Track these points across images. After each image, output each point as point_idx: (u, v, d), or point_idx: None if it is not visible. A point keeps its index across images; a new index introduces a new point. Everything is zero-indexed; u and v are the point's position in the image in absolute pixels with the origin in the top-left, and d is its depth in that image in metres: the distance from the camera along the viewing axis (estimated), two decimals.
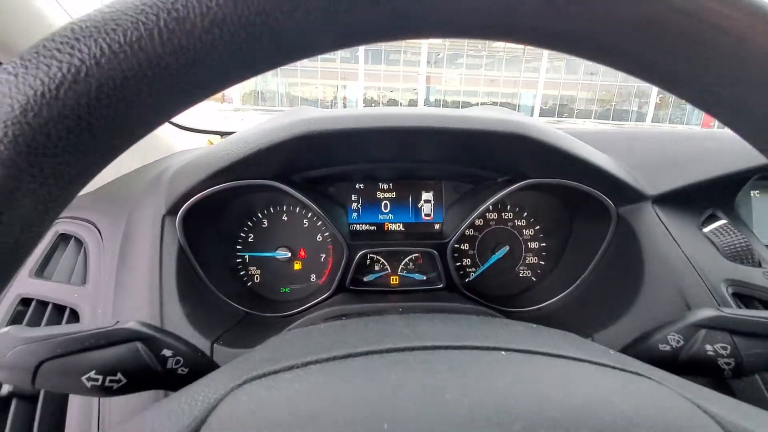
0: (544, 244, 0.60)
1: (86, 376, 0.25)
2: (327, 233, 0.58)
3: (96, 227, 0.50)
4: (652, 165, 0.49)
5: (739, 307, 0.39)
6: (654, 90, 20.40)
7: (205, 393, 0.20)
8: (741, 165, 0.45)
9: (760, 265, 0.41)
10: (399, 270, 0.59)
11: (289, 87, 23.41)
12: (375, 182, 0.59)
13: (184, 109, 0.16)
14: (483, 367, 0.22)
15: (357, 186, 0.59)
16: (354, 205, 0.59)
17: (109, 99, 0.14)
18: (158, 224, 0.47)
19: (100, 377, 0.25)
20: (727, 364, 0.28)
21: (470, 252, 0.60)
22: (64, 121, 0.13)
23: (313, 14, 0.15)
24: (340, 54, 21.72)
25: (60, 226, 0.50)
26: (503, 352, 0.23)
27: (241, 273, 0.58)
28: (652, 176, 0.47)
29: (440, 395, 0.19)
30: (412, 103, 22.21)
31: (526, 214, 0.60)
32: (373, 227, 0.59)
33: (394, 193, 0.59)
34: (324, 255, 0.59)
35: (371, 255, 0.58)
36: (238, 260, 0.58)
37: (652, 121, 20.27)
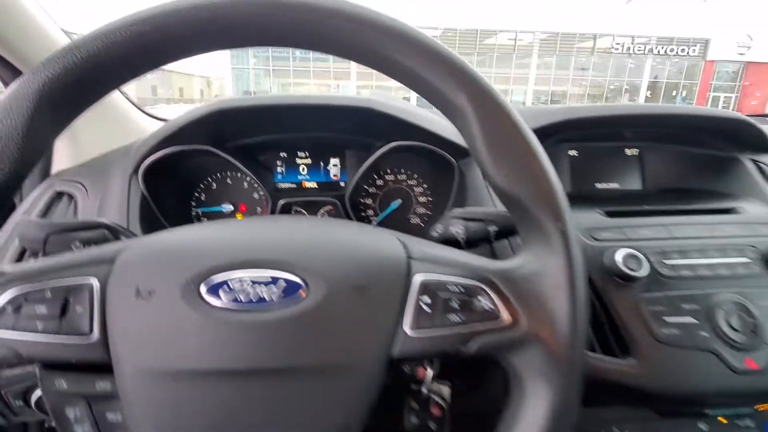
0: (430, 198, 0.75)
1: (74, 243, 0.40)
2: (261, 191, 0.73)
3: (83, 186, 0.65)
4: None
5: None
6: (644, 85, 20.64)
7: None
8: (543, 122, 0.60)
9: None
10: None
11: (282, 87, 23.54)
12: (295, 150, 0.74)
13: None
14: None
15: (281, 154, 0.74)
16: (279, 168, 0.74)
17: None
18: (126, 180, 0.62)
19: (82, 245, 0.40)
20: (463, 239, 0.44)
21: (372, 205, 0.75)
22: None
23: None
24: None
25: (57, 186, 0.65)
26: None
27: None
28: None
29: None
30: (405, 99, 22.34)
31: (416, 174, 0.75)
32: (294, 185, 0.75)
33: (310, 160, 0.74)
34: (260, 208, 0.74)
35: (294, 207, 0.73)
36: (193, 214, 0.73)
37: None
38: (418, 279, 0.29)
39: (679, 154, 0.67)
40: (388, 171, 0.75)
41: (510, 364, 0.29)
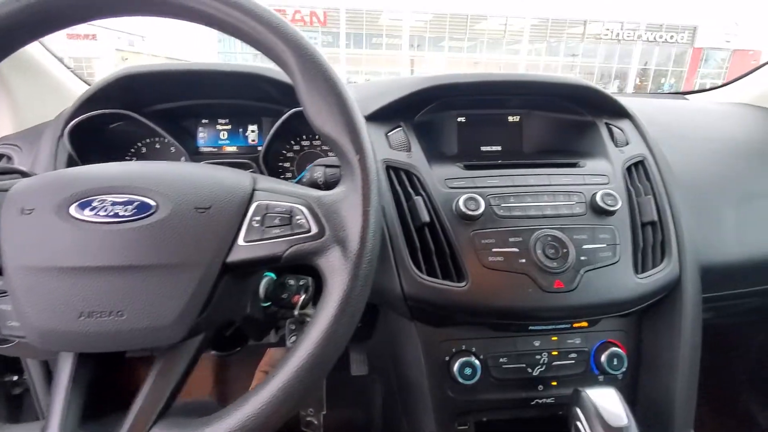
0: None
1: None
2: (183, 155, 0.81)
3: (19, 147, 0.72)
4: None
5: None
6: (633, 72, 20.73)
7: None
8: (404, 91, 0.67)
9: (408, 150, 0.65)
10: None
11: None
12: (216, 117, 0.82)
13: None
14: None
15: (202, 120, 0.81)
16: (201, 134, 0.82)
17: None
18: (55, 141, 0.69)
19: None
20: (322, 182, 0.54)
21: (291, 168, 0.83)
22: None
23: None
24: (321, 38, 21.56)
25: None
26: None
27: None
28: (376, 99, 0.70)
29: None
30: None
31: None
32: (215, 149, 0.82)
33: (230, 126, 0.82)
34: None
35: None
36: None
37: None
38: (254, 203, 0.38)
39: (553, 120, 0.75)
40: (304, 136, 0.83)
41: (317, 265, 0.37)
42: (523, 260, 0.55)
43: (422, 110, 0.70)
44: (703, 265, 0.63)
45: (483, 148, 0.78)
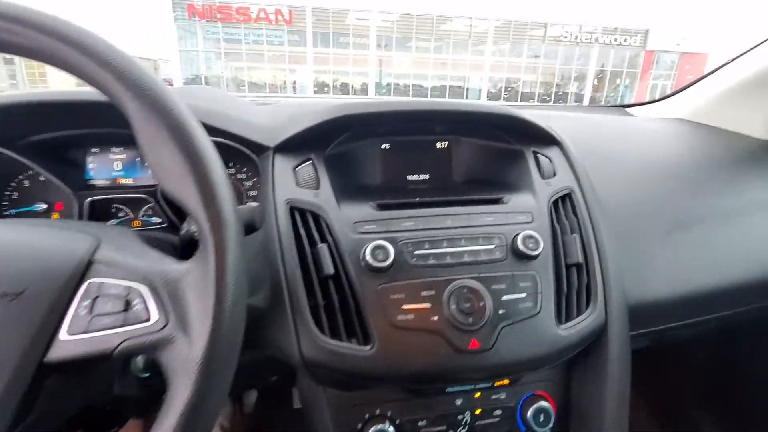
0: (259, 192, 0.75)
1: None
2: (67, 189, 0.70)
3: None
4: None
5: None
6: (590, 73, 21.58)
7: None
8: (314, 119, 0.60)
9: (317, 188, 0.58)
10: (140, 216, 0.72)
11: (235, 71, 22.56)
12: (109, 146, 0.72)
13: None
14: None
15: (92, 149, 0.71)
16: (90, 165, 0.71)
17: None
18: None
19: None
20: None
21: None
22: None
23: None
24: (287, 37, 21.14)
25: None
26: None
27: None
28: (282, 129, 0.63)
29: None
30: (364, 87, 22.14)
31: (245, 168, 0.74)
32: (107, 182, 0.72)
33: (125, 155, 0.72)
34: (76, 206, 0.71)
35: (113, 204, 0.71)
36: (6, 214, 0.69)
37: (589, 102, 21.50)
38: (86, 283, 0.31)
39: (481, 148, 0.70)
40: None
41: (160, 361, 0.30)
42: (436, 317, 0.49)
43: (336, 139, 0.64)
44: (631, 304, 0.59)
45: (410, 177, 0.72)
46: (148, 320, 0.30)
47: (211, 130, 0.63)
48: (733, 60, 0.97)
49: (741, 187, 0.78)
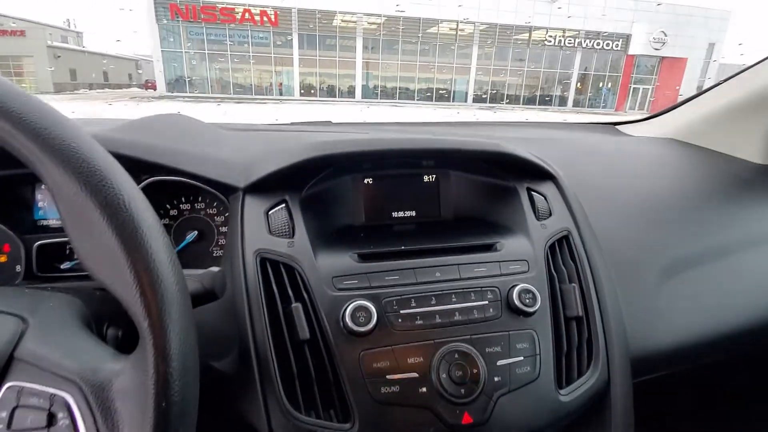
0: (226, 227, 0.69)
1: None
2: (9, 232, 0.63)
3: None
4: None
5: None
6: (574, 77, 21.92)
7: None
8: (290, 159, 0.54)
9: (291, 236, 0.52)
10: None
11: (220, 73, 22.20)
12: None
13: None
14: None
15: (41, 186, 0.64)
16: (39, 203, 0.64)
17: None
18: None
19: None
20: None
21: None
22: None
23: None
24: (273, 39, 20.90)
25: None
26: None
27: None
28: (251, 169, 0.57)
29: None
30: (351, 89, 22.04)
31: (215, 203, 0.68)
32: (58, 222, 0.65)
33: None
34: (23, 249, 0.64)
35: (69, 246, 0.64)
36: None
37: (572, 105, 21.84)
38: (5, 387, 0.25)
39: (473, 183, 0.66)
40: (183, 200, 0.67)
41: None
42: (424, 389, 0.44)
43: (314, 178, 0.58)
44: (633, 355, 0.55)
45: (395, 214, 0.66)
46: None
47: (175, 172, 0.56)
48: (728, 80, 0.95)
49: (738, 219, 0.75)
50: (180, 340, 0.26)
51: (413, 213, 0.66)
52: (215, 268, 0.50)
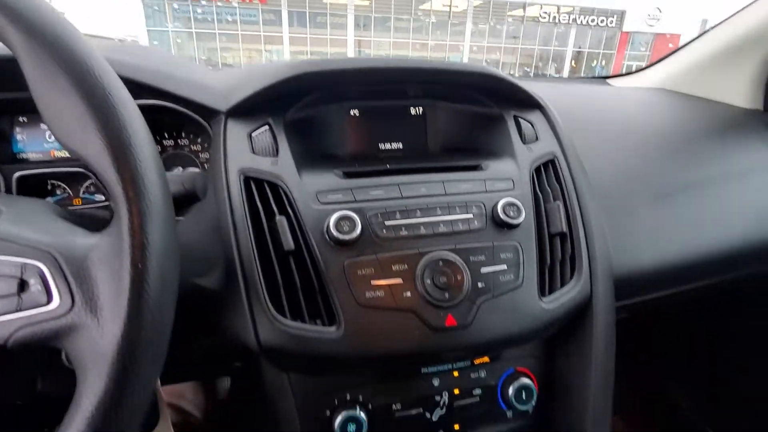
0: None
1: None
2: None
3: None
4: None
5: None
6: (568, 54, 21.70)
7: None
8: (270, 79, 0.52)
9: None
10: (81, 193, 0.65)
11: (209, 52, 21.66)
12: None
13: None
14: None
15: (20, 118, 0.62)
16: (19, 136, 0.63)
17: None
18: None
19: None
20: None
21: None
22: None
23: None
24: (262, 17, 20.34)
25: None
26: None
27: None
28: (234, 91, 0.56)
29: None
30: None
31: (199, 139, 0.67)
32: (39, 154, 0.64)
33: None
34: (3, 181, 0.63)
35: (50, 180, 0.63)
36: None
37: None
38: None
39: (459, 112, 0.65)
40: (166, 135, 0.66)
41: (67, 353, 0.26)
42: (409, 293, 0.44)
43: (298, 102, 0.57)
44: (616, 275, 0.56)
45: (382, 146, 0.66)
46: (46, 304, 0.26)
47: (152, 92, 0.55)
48: (713, 28, 0.94)
49: (723, 155, 0.76)
50: (157, 206, 0.26)
51: (400, 145, 0.66)
52: (195, 169, 0.49)
